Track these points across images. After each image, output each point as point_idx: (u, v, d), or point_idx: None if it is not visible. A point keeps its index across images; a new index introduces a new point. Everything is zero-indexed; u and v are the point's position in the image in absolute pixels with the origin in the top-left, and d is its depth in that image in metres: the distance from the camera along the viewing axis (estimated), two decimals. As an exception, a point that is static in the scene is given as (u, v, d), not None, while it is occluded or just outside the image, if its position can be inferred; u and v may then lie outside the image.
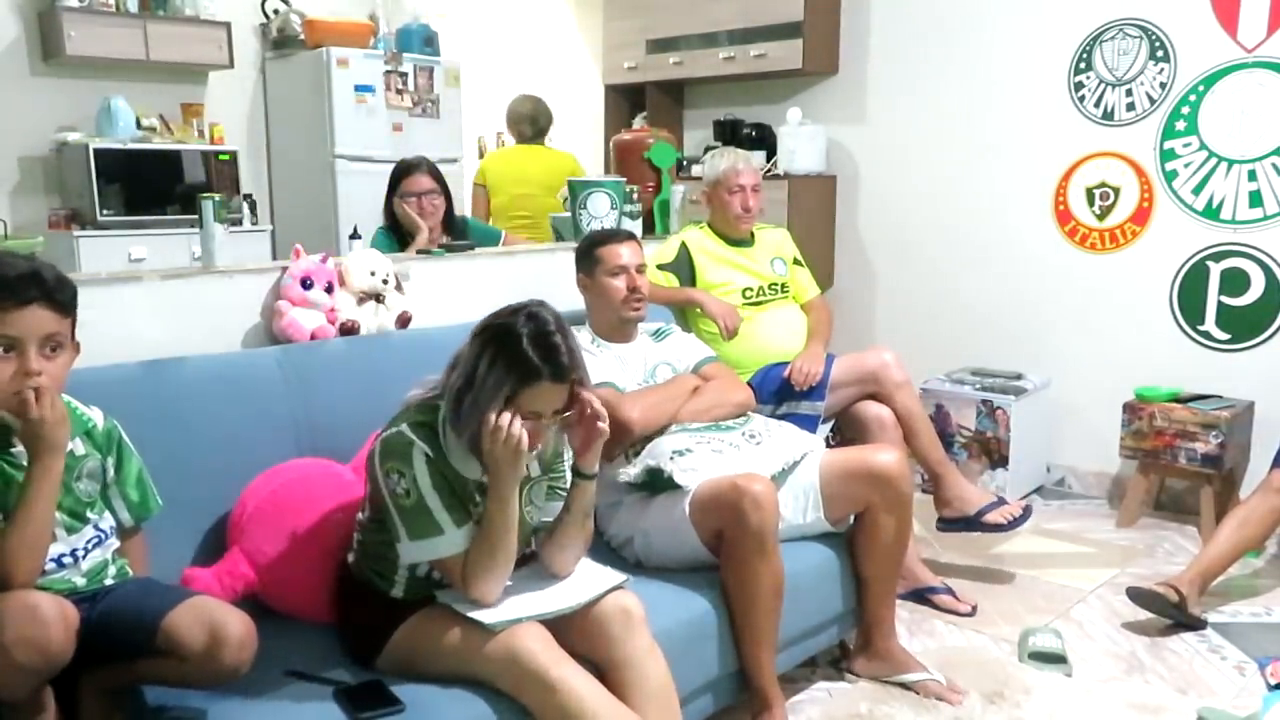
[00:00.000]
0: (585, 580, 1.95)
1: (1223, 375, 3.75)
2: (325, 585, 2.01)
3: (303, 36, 5.05)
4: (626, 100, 5.40)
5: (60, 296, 1.60)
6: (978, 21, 4.22)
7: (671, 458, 2.32)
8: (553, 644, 1.74)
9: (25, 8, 4.45)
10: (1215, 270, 3.77)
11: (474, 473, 1.83)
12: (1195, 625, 2.85)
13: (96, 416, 1.76)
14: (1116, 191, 3.97)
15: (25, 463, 1.59)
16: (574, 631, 1.78)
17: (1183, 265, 3.84)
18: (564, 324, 1.81)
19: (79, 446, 1.70)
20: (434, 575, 1.88)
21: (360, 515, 1.94)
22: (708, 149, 4.14)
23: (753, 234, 3.28)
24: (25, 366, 1.55)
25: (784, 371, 2.98)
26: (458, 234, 3.43)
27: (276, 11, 5.18)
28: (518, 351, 1.73)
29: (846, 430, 3.10)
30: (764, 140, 4.74)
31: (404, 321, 2.60)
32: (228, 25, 4.83)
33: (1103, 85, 3.95)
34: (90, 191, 4.36)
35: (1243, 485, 3.66)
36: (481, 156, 6.83)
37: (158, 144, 4.65)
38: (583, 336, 2.58)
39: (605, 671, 1.80)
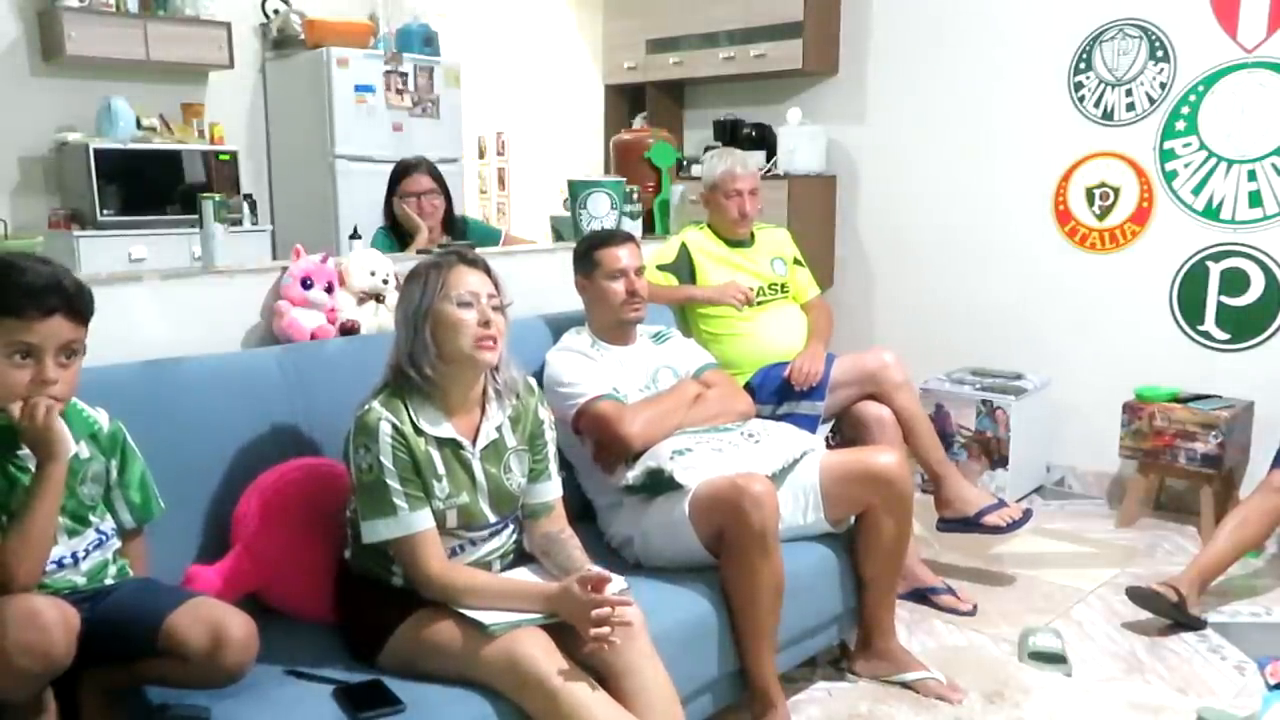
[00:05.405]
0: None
1: (1222, 375, 3.75)
2: (326, 585, 2.02)
3: (303, 36, 5.05)
4: (626, 100, 5.40)
5: (80, 305, 1.62)
6: (978, 21, 4.22)
7: (671, 457, 2.31)
8: (553, 650, 1.74)
9: (25, 8, 4.45)
10: (1215, 270, 3.77)
11: (445, 430, 1.89)
12: (1195, 625, 2.85)
13: (102, 418, 1.76)
14: (1116, 191, 3.97)
15: (32, 465, 1.59)
16: (574, 637, 1.78)
17: (1182, 265, 3.84)
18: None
19: (84, 449, 1.70)
20: None
21: (349, 509, 1.95)
22: (708, 149, 4.14)
23: (753, 234, 3.28)
24: (42, 375, 1.57)
25: (784, 371, 2.98)
26: (457, 234, 3.43)
27: (276, 11, 5.17)
28: (436, 260, 1.95)
29: (846, 430, 3.10)
30: (764, 140, 4.74)
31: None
32: (228, 25, 4.83)
33: (1103, 85, 3.95)
34: (90, 191, 4.36)
35: (1242, 485, 3.66)
36: (481, 157, 6.86)
37: (158, 144, 4.64)
38: (583, 339, 2.58)
39: (605, 679, 1.79)
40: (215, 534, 2.05)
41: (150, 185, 4.55)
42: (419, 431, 1.86)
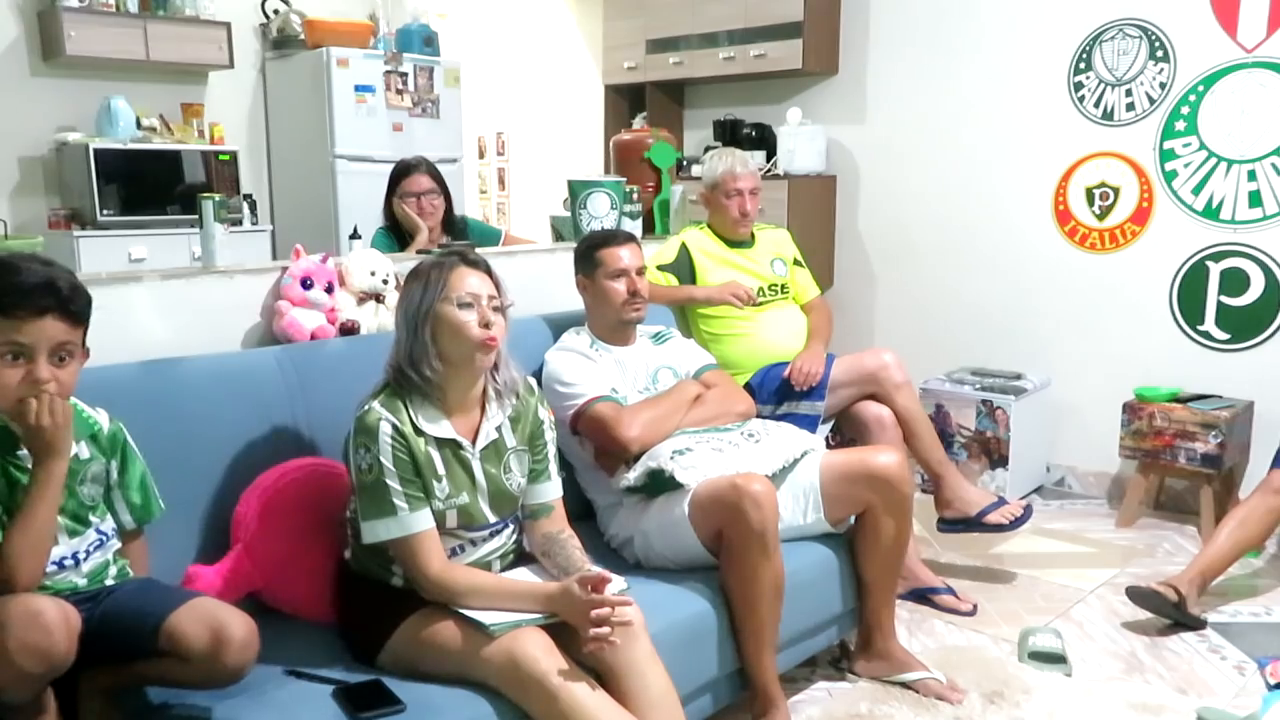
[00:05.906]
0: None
1: (1222, 375, 3.76)
2: (326, 585, 2.02)
3: (303, 36, 5.05)
4: (626, 100, 5.41)
5: (74, 307, 1.60)
6: (978, 21, 4.22)
7: (672, 457, 2.31)
8: (554, 650, 1.74)
9: (25, 8, 4.45)
10: (1215, 270, 3.77)
11: (445, 430, 1.89)
12: (1195, 625, 2.85)
13: (102, 419, 1.76)
14: (1116, 191, 3.97)
15: (31, 466, 1.59)
16: (574, 637, 1.78)
17: (1182, 265, 3.84)
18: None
19: (84, 450, 1.70)
20: None
21: (349, 509, 1.95)
22: (708, 149, 4.14)
23: (753, 234, 3.28)
24: (34, 375, 1.56)
25: (784, 371, 2.98)
26: (457, 234, 3.43)
27: (276, 11, 5.18)
28: (438, 260, 1.94)
29: (846, 430, 3.10)
30: (764, 140, 4.74)
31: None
32: (228, 25, 4.83)
33: (1102, 85, 3.95)
34: (90, 191, 4.36)
35: (1242, 485, 3.66)
36: (481, 157, 6.86)
37: (158, 144, 4.65)
38: (582, 339, 2.58)
39: (605, 679, 1.79)
40: (215, 534, 2.05)
41: (150, 185, 4.55)
42: (419, 432, 1.86)
